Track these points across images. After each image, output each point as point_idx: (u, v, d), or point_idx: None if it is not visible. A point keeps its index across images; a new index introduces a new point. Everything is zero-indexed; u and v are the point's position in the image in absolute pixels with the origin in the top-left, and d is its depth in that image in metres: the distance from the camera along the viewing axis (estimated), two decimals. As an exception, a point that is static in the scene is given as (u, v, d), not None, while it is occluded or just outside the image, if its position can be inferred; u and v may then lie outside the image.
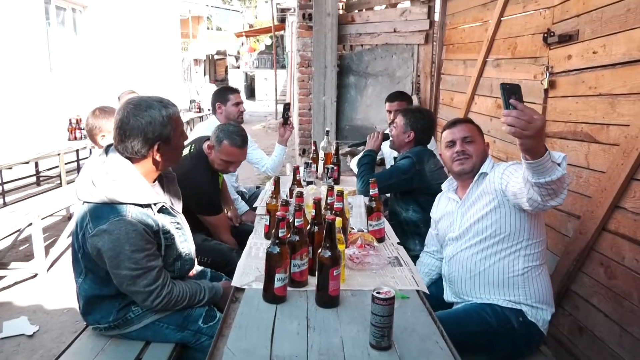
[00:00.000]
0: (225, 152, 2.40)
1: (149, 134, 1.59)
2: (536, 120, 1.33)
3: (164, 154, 1.65)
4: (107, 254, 1.55)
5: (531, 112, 1.34)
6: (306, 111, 5.64)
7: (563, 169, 1.45)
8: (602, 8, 2.15)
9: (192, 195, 2.18)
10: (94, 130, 2.47)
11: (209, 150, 2.44)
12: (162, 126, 1.61)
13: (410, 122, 2.67)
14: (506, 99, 1.35)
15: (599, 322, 2.14)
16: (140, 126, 1.58)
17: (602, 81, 2.15)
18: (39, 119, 7.17)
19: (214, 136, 2.42)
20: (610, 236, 2.08)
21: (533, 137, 1.35)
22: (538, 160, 1.41)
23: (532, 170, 1.45)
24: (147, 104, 1.61)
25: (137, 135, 1.58)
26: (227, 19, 31.40)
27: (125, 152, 1.63)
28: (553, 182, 1.45)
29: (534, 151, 1.40)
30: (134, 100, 1.63)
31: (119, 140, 1.61)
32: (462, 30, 4.09)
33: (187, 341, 1.78)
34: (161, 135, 1.61)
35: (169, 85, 12.83)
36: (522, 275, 1.81)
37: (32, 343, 2.85)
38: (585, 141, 2.25)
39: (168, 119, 1.62)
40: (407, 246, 2.51)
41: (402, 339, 1.30)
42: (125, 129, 1.59)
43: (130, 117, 1.59)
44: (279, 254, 1.46)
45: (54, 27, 8.40)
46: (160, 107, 1.62)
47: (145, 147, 1.61)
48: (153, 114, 1.60)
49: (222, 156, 2.41)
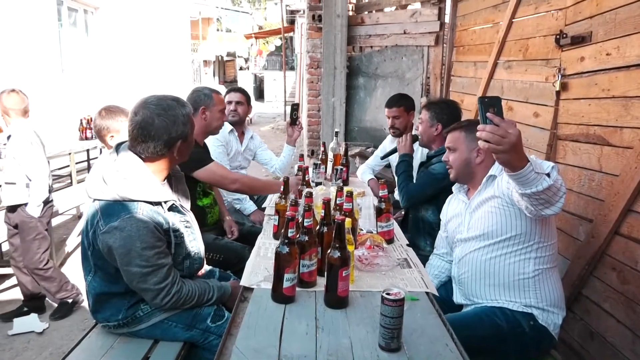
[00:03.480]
0: (220, 101, 2.57)
1: (173, 133, 1.62)
2: (510, 134, 1.30)
3: (180, 152, 1.68)
4: (118, 251, 1.55)
5: (506, 126, 1.31)
6: (315, 112, 5.65)
7: (553, 179, 1.43)
8: (616, 9, 2.13)
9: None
10: (103, 131, 2.48)
11: (203, 115, 2.51)
12: (184, 125, 1.65)
13: (436, 115, 2.60)
14: (483, 113, 1.32)
15: (610, 327, 2.11)
16: (165, 126, 1.60)
17: (615, 83, 2.12)
18: (50, 119, 7.24)
19: (197, 100, 2.51)
20: (623, 240, 2.05)
21: (508, 152, 1.32)
22: (518, 172, 1.39)
23: (515, 181, 1.44)
24: (168, 104, 1.63)
25: (162, 136, 1.60)
26: (237, 20, 31.53)
27: (145, 152, 1.63)
28: (541, 192, 1.43)
29: (512, 165, 1.38)
30: (153, 101, 1.63)
31: (140, 141, 1.61)
32: (472, 31, 4.06)
33: (195, 340, 1.78)
34: (182, 134, 1.65)
35: (178, 86, 12.89)
36: (533, 278, 1.79)
37: (42, 340, 2.88)
38: (598, 144, 2.23)
39: (187, 117, 1.67)
40: (417, 244, 2.50)
41: (412, 341, 1.29)
42: (150, 129, 1.59)
43: (155, 117, 1.60)
44: (288, 254, 1.45)
45: (65, 28, 8.49)
46: (179, 106, 1.65)
47: (168, 146, 1.63)
48: (176, 113, 1.63)
49: (218, 108, 2.54)
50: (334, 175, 2.99)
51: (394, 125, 3.22)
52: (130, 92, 3.84)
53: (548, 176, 1.43)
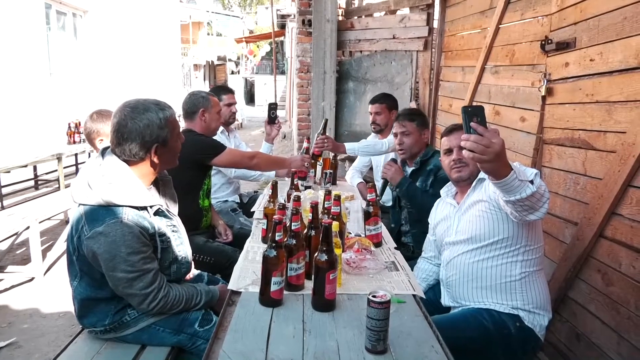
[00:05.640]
0: (216, 103, 2.66)
1: (147, 136, 1.61)
2: (494, 144, 1.31)
3: (161, 157, 1.67)
4: (102, 257, 1.54)
5: (490, 136, 1.31)
6: (305, 116, 5.66)
7: (536, 185, 1.45)
8: (599, 16, 2.17)
9: (197, 150, 2.41)
10: (92, 135, 2.47)
11: (203, 117, 2.59)
12: (160, 129, 1.63)
13: (421, 122, 2.74)
14: (467, 123, 1.33)
15: (596, 329, 2.13)
16: (138, 129, 1.59)
17: (599, 88, 2.16)
18: (38, 123, 7.18)
19: (195, 103, 2.59)
20: (607, 243, 2.08)
21: (492, 161, 1.33)
22: (502, 180, 1.40)
23: (499, 189, 1.45)
24: (144, 107, 1.62)
25: (135, 138, 1.60)
26: (228, 24, 31.53)
27: (122, 155, 1.63)
28: (525, 199, 1.45)
29: (496, 173, 1.39)
30: (130, 104, 1.64)
31: (116, 143, 1.62)
32: (460, 37, 4.10)
33: (183, 345, 1.77)
34: (159, 137, 1.63)
35: (168, 91, 12.85)
36: (520, 281, 1.81)
37: (28, 347, 2.84)
38: (583, 148, 2.26)
39: (165, 121, 1.64)
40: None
41: (398, 343, 1.29)
42: (123, 131, 1.59)
43: (128, 120, 1.59)
44: (276, 258, 1.45)
45: (54, 32, 8.43)
46: (157, 109, 1.64)
47: (143, 150, 1.62)
48: (150, 117, 1.61)
49: (216, 109, 2.65)
50: (322, 179, 3.00)
51: (375, 121, 3.41)
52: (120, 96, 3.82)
53: (532, 183, 1.45)
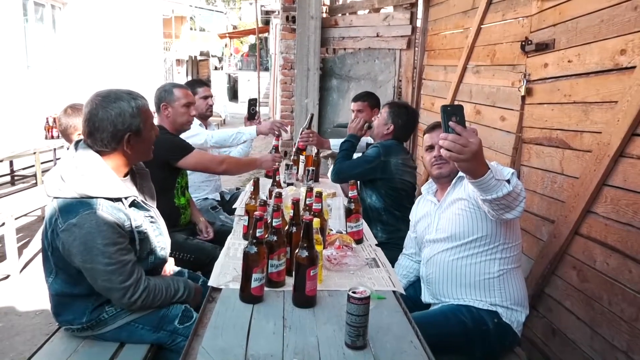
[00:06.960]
0: (183, 95, 2.53)
1: (119, 125, 1.58)
2: (471, 144, 1.32)
3: (134, 147, 1.64)
4: (78, 249, 1.51)
5: (468, 135, 1.32)
6: (288, 113, 5.64)
7: (512, 185, 1.47)
8: (577, 18, 2.21)
9: (164, 150, 2.26)
10: (69, 130, 2.41)
11: (166, 112, 2.51)
12: (132, 117, 1.60)
13: (392, 116, 2.73)
14: (445, 122, 1.33)
15: (571, 324, 2.19)
16: (109, 118, 1.57)
17: (576, 89, 2.21)
18: (14, 117, 7.01)
19: (160, 97, 2.53)
20: (582, 240, 2.13)
21: (469, 161, 1.34)
22: (479, 180, 1.42)
23: (476, 188, 1.48)
24: (116, 96, 1.60)
25: (106, 127, 1.57)
26: (211, 19, 31.20)
27: (95, 145, 1.61)
28: (501, 198, 1.47)
29: (473, 172, 1.41)
30: (102, 93, 1.61)
31: (88, 133, 1.59)
32: (443, 36, 4.14)
33: (162, 342, 1.75)
34: (131, 126, 1.60)
35: (149, 86, 12.66)
36: (498, 278, 1.84)
37: (3, 346, 2.78)
38: (560, 147, 2.31)
39: (137, 110, 1.62)
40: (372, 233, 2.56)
41: (377, 339, 1.30)
42: (95, 120, 1.57)
43: (99, 108, 1.57)
44: (257, 254, 1.45)
45: (32, 24, 8.24)
46: (129, 98, 1.61)
47: (115, 140, 1.60)
48: (122, 105, 1.59)
49: (181, 102, 2.52)
50: (305, 176, 3.01)
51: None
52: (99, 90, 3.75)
53: (508, 182, 1.47)
